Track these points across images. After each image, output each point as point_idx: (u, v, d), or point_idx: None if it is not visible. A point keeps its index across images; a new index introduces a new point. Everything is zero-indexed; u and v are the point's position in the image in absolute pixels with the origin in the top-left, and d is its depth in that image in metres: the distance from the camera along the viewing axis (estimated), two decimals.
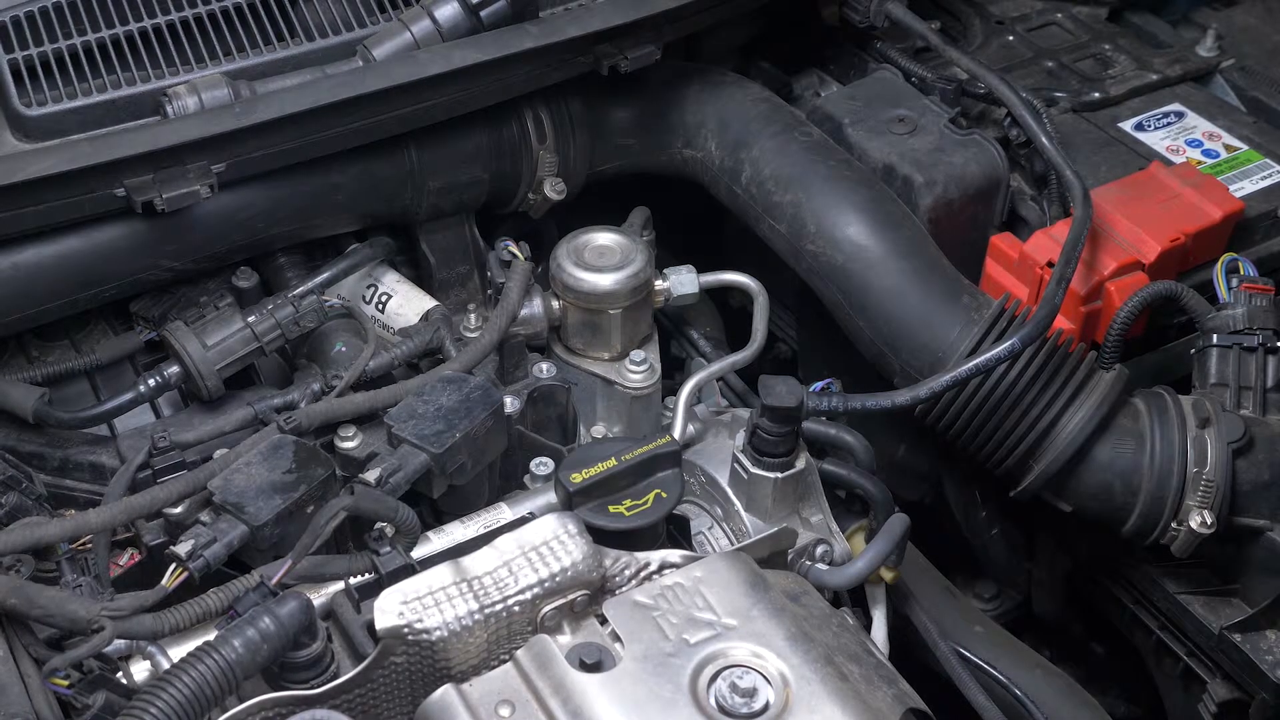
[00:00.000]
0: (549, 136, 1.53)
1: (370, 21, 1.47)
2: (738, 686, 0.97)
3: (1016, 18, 1.88)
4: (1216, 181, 1.57)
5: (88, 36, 1.38)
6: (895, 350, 1.41)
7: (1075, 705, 1.41)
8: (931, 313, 1.39)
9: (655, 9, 1.47)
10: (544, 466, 1.32)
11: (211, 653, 0.97)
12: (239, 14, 1.43)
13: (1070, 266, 1.37)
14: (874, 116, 1.61)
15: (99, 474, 1.32)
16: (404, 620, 1.01)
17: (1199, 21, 1.87)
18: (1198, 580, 1.44)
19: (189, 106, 1.35)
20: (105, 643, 1.03)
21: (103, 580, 1.15)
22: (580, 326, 1.44)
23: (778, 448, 1.26)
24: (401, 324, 1.47)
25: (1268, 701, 1.38)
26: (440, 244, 1.55)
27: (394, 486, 1.19)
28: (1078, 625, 1.67)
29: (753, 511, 1.29)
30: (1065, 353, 1.36)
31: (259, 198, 1.39)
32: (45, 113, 1.34)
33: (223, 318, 1.37)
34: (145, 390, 1.34)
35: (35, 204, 1.27)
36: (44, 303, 1.35)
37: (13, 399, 1.31)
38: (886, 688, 1.03)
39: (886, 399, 1.34)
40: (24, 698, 1.01)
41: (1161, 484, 1.32)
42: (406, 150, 1.46)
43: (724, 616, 1.03)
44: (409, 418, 1.23)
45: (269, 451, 1.20)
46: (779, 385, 1.25)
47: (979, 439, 1.38)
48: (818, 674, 0.99)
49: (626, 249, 1.45)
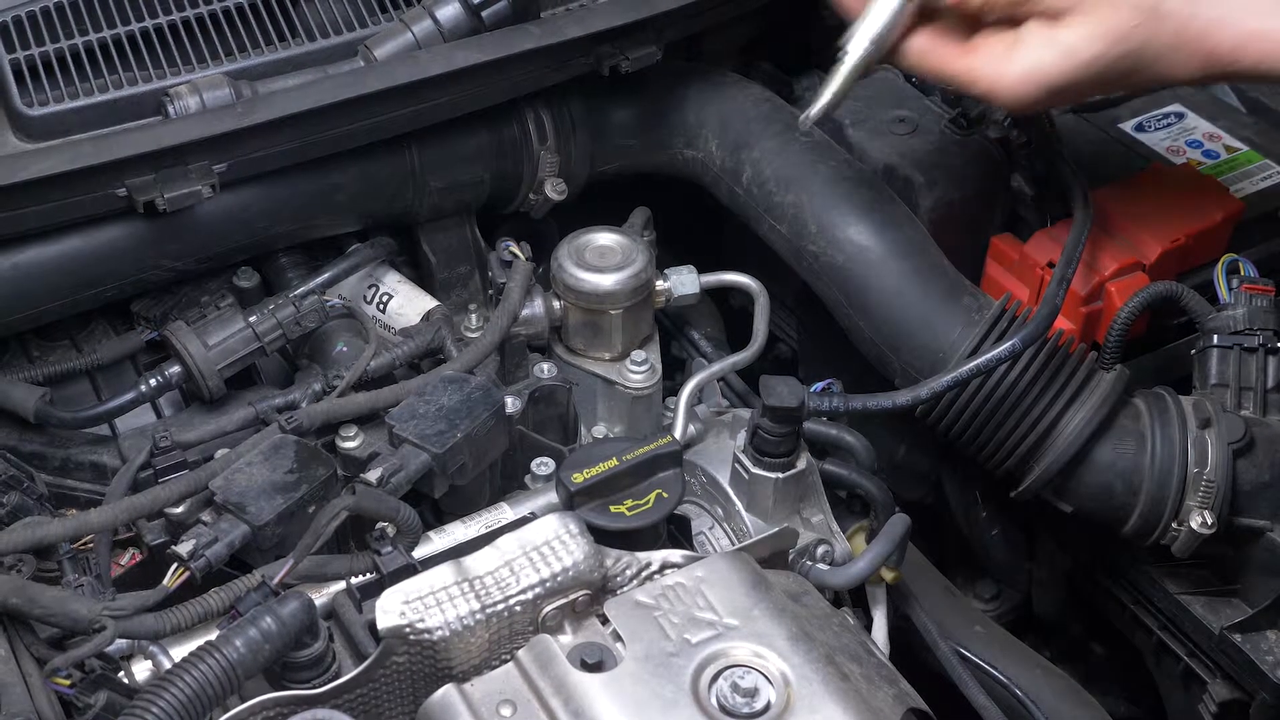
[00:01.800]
0: (550, 137, 1.53)
1: (371, 22, 1.47)
2: (739, 686, 0.98)
3: None
4: (1217, 182, 1.57)
5: (89, 36, 1.38)
6: (896, 350, 1.42)
7: (1075, 705, 1.41)
8: (932, 313, 1.39)
9: (656, 9, 1.47)
10: (545, 466, 1.32)
11: (213, 652, 0.97)
12: (240, 14, 1.43)
13: (1071, 267, 1.37)
14: (874, 117, 1.61)
15: (100, 474, 1.32)
16: (406, 620, 1.02)
17: None
18: (1198, 580, 1.44)
19: (190, 106, 1.35)
20: (107, 642, 1.03)
21: (104, 580, 1.15)
22: (581, 327, 1.45)
23: (779, 448, 1.26)
24: (403, 324, 1.47)
25: (1268, 701, 1.38)
26: (441, 244, 1.55)
27: (395, 486, 1.19)
28: (1078, 625, 1.67)
29: (754, 512, 1.29)
30: (1066, 353, 1.36)
31: (260, 198, 1.39)
32: (47, 112, 1.34)
33: (224, 318, 1.37)
34: (146, 390, 1.34)
35: (36, 204, 1.27)
36: (45, 303, 1.35)
37: (14, 399, 1.31)
38: (887, 688, 1.03)
39: (887, 399, 1.34)
40: (25, 697, 1.01)
41: (1162, 484, 1.32)
42: (408, 150, 1.46)
43: (725, 616, 1.03)
44: (410, 418, 1.23)
45: (270, 451, 1.20)
46: (780, 385, 1.25)
47: (979, 439, 1.38)
48: (819, 674, 0.99)
49: (627, 249, 1.45)
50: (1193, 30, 1.17)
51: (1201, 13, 1.16)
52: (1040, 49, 1.18)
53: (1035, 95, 1.20)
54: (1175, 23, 1.17)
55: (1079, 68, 1.18)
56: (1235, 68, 1.18)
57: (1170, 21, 1.17)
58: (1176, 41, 1.17)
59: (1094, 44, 1.17)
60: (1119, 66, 1.18)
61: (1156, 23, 1.16)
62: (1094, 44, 1.17)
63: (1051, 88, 1.19)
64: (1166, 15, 1.17)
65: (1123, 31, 1.17)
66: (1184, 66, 1.19)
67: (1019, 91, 1.20)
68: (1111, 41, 1.17)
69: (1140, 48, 1.17)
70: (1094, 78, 1.19)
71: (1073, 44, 1.17)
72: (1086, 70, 1.18)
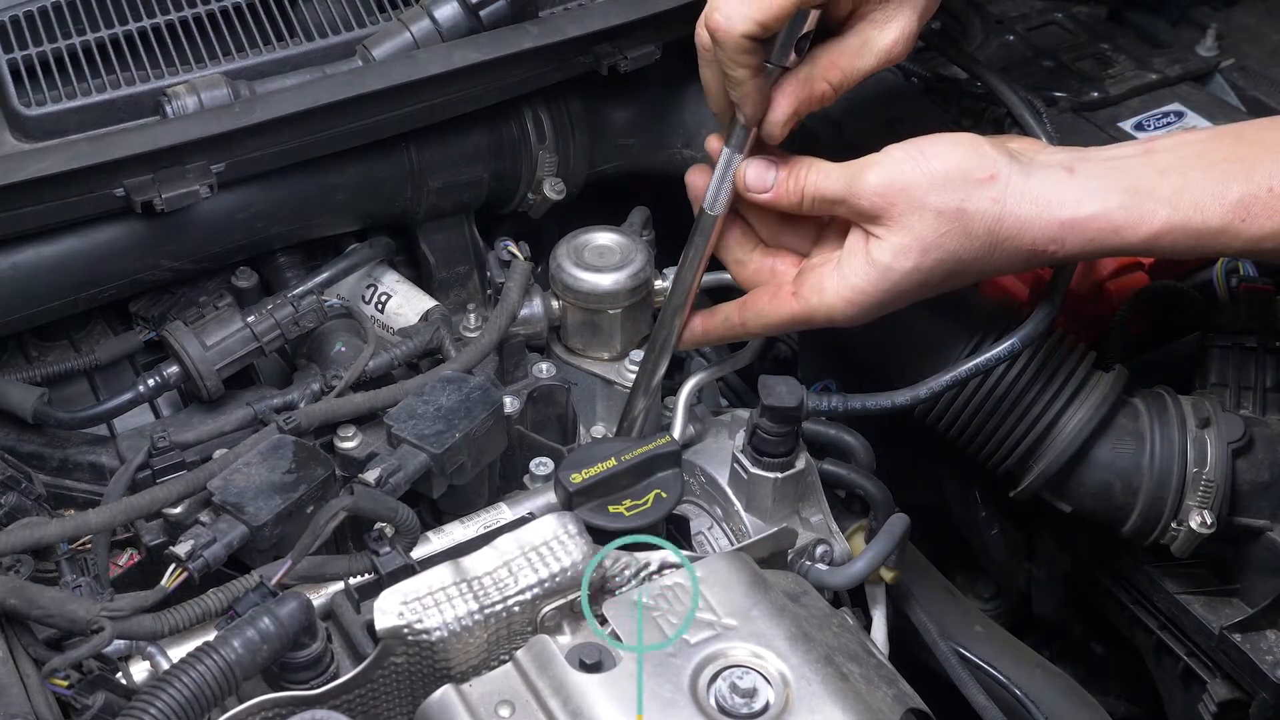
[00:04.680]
0: (549, 136, 1.53)
1: (370, 21, 1.47)
2: (738, 687, 0.97)
3: (1016, 17, 1.87)
4: None
5: (87, 36, 1.38)
6: (895, 350, 1.41)
7: (1075, 705, 1.41)
8: (931, 312, 1.39)
9: (655, 9, 1.47)
10: (544, 466, 1.32)
11: (211, 653, 0.97)
12: (238, 14, 1.43)
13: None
14: (874, 116, 1.61)
15: (98, 474, 1.32)
16: (404, 620, 1.01)
17: (1199, 21, 1.87)
18: (1198, 580, 1.44)
19: (188, 106, 1.35)
20: (105, 643, 1.03)
21: (102, 580, 1.15)
22: (580, 326, 1.44)
23: (778, 448, 1.26)
24: (401, 324, 1.47)
25: (1268, 701, 1.38)
26: (440, 244, 1.55)
27: (394, 486, 1.19)
28: (1078, 625, 1.66)
29: (752, 511, 1.29)
30: (1065, 353, 1.36)
31: (259, 198, 1.39)
32: (45, 112, 1.34)
33: (222, 318, 1.37)
34: (145, 390, 1.34)
35: (35, 204, 1.27)
36: (43, 303, 1.35)
37: (12, 399, 1.31)
38: (887, 688, 1.03)
39: (886, 399, 1.34)
40: (23, 698, 1.01)
41: (1161, 484, 1.32)
42: (406, 150, 1.46)
43: (724, 616, 1.03)
44: (409, 418, 1.23)
45: (269, 451, 1.20)
46: (779, 385, 1.25)
47: (979, 439, 1.38)
48: (818, 674, 0.99)
49: (626, 249, 1.45)
50: (1005, 231, 1.15)
51: (1010, 212, 1.14)
52: (858, 274, 1.19)
53: (865, 314, 1.21)
54: (984, 226, 1.15)
55: (898, 281, 1.18)
56: (1062, 255, 1.17)
57: (979, 224, 1.15)
58: (991, 243, 1.15)
59: (907, 258, 1.16)
60: (938, 272, 1.18)
61: (965, 227, 1.15)
62: (907, 258, 1.16)
63: (878, 305, 1.20)
64: (974, 218, 1.15)
65: (931, 240, 1.16)
66: (1008, 263, 1.18)
67: (851, 314, 1.21)
68: (921, 252, 1.16)
69: (954, 254, 1.16)
70: (916, 287, 1.19)
71: (887, 263, 1.17)
72: (907, 281, 1.18)
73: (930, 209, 1.15)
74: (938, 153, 1.16)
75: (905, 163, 1.16)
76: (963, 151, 1.16)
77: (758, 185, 1.23)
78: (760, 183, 1.23)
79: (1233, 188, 1.12)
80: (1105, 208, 1.14)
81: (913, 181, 1.16)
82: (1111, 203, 1.14)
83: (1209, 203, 1.12)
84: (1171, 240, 1.14)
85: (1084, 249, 1.16)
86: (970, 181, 1.15)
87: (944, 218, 1.15)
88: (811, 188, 1.21)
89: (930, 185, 1.15)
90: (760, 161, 1.23)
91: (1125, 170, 1.16)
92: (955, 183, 1.15)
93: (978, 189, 1.15)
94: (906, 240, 1.16)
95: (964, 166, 1.15)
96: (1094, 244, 1.16)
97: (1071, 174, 1.16)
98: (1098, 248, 1.16)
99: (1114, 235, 1.15)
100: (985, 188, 1.15)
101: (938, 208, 1.15)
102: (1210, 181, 1.13)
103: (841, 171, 1.20)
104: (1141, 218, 1.13)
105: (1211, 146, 1.15)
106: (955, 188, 1.15)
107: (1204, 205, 1.12)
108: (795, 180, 1.22)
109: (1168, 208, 1.13)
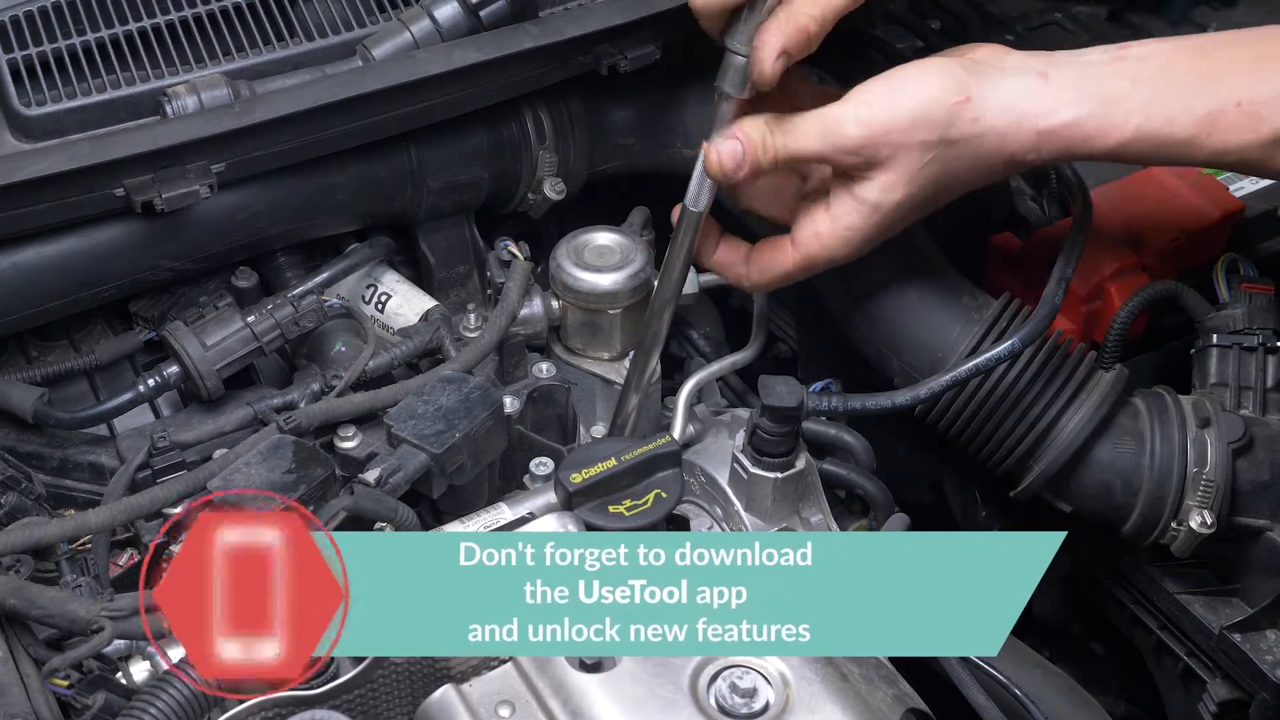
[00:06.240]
0: (549, 136, 1.53)
1: (370, 21, 1.47)
2: (738, 687, 0.97)
3: (1016, 17, 1.88)
4: (1216, 181, 1.56)
5: (87, 36, 1.38)
6: (895, 350, 1.41)
7: (1075, 705, 1.41)
8: (931, 312, 1.39)
9: (655, 9, 1.47)
10: (544, 466, 1.32)
11: None
12: (239, 14, 1.43)
13: (1070, 266, 1.36)
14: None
15: (98, 474, 1.32)
16: None
17: (1199, 21, 1.87)
18: (1198, 580, 1.44)
19: (188, 106, 1.35)
20: (105, 643, 1.03)
21: (102, 580, 1.15)
22: (580, 326, 1.44)
23: (778, 448, 1.26)
24: (401, 324, 1.47)
25: (1268, 701, 1.38)
26: (440, 244, 1.55)
27: (394, 486, 1.19)
28: (1078, 625, 1.66)
29: (752, 511, 1.29)
30: (1065, 353, 1.36)
31: (259, 197, 1.39)
32: (45, 112, 1.34)
33: (222, 318, 1.37)
34: (144, 390, 1.34)
35: (34, 204, 1.27)
36: (43, 303, 1.34)
37: (12, 399, 1.31)
38: (886, 688, 1.03)
39: (886, 399, 1.34)
40: (24, 698, 1.01)
41: (1161, 484, 1.32)
42: (406, 150, 1.46)
43: None
44: (409, 418, 1.23)
45: (268, 451, 1.20)
46: (779, 385, 1.25)
47: (979, 439, 1.38)
48: (818, 674, 0.99)
49: (626, 249, 1.45)
50: (987, 147, 1.19)
51: (990, 128, 1.18)
52: (850, 213, 1.23)
53: (864, 247, 1.27)
54: (968, 146, 1.19)
55: (890, 213, 1.23)
56: (1038, 162, 1.21)
57: (963, 146, 1.19)
58: (974, 159, 1.20)
59: (895, 191, 1.21)
60: (924, 195, 1.22)
61: (949, 151, 1.19)
62: (895, 191, 1.21)
63: (875, 237, 1.26)
64: (956, 141, 1.19)
65: (916, 171, 1.20)
66: (987, 174, 1.23)
67: (850, 252, 1.27)
68: (909, 181, 1.20)
69: (939, 175, 1.21)
70: (906, 214, 1.24)
71: (876, 200, 1.21)
72: (898, 211, 1.23)
73: (914, 145, 1.18)
74: (910, 86, 1.19)
75: (879, 104, 1.19)
76: (933, 79, 1.19)
77: (730, 162, 1.24)
78: (732, 158, 1.24)
79: (1202, 101, 1.15)
80: (1078, 115, 1.17)
81: (892, 123, 1.18)
82: (1084, 110, 1.17)
83: (1179, 114, 1.16)
84: (1139, 149, 1.18)
85: (1057, 155, 1.21)
86: (947, 107, 1.18)
87: (927, 147, 1.19)
88: (784, 150, 1.23)
89: (911, 123, 1.18)
90: (721, 137, 1.25)
91: (1097, 78, 1.19)
92: (934, 114, 1.18)
93: (956, 113, 1.18)
94: (892, 177, 1.20)
95: (939, 96, 1.18)
96: (1066, 150, 1.20)
97: (1045, 80, 1.19)
98: (1069, 154, 1.21)
99: (1084, 143, 1.19)
100: (963, 109, 1.18)
101: (921, 140, 1.18)
102: (1181, 93, 1.16)
103: (814, 125, 1.21)
104: (1113, 125, 1.17)
105: (1178, 59, 1.19)
106: (935, 118, 1.18)
107: (1174, 117, 1.16)
108: (765, 149, 1.23)
109: (1140, 116, 1.16)
